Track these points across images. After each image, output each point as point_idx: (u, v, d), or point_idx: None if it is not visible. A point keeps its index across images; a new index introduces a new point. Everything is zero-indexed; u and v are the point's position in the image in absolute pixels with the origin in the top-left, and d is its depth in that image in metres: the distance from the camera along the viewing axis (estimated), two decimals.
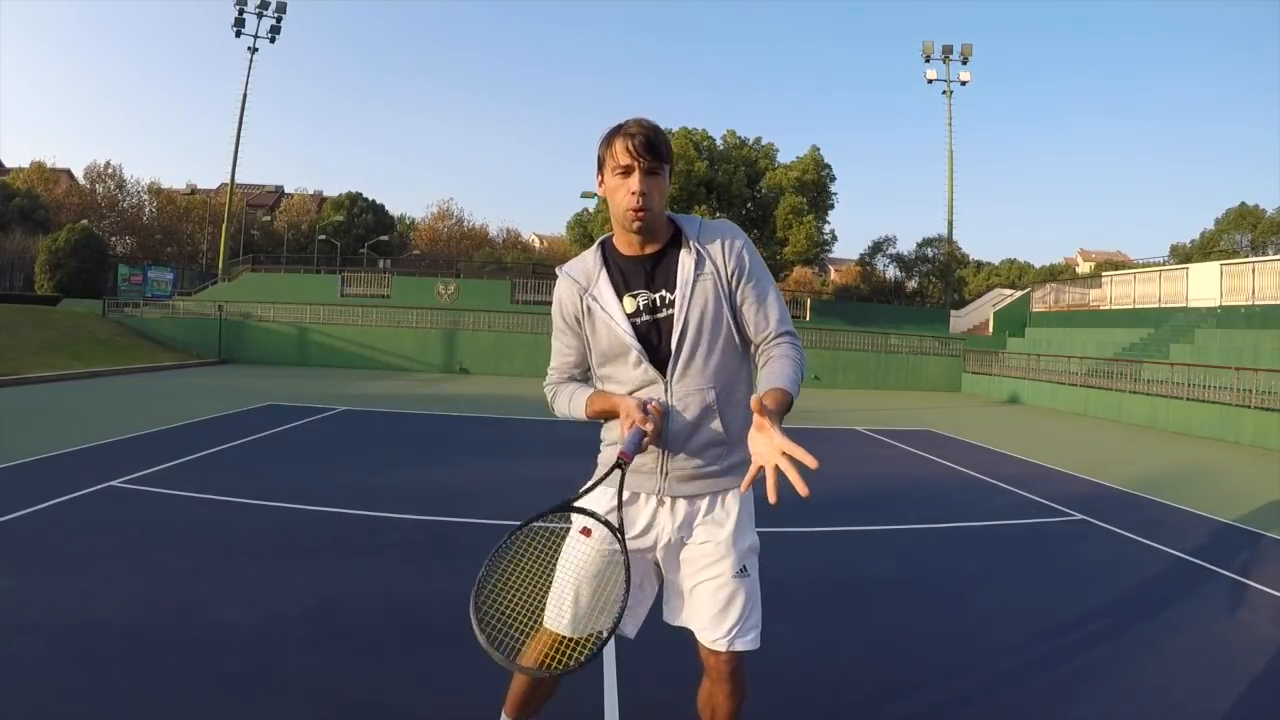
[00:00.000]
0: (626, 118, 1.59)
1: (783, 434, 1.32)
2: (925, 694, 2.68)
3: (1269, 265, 16.91)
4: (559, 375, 1.77)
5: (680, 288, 1.60)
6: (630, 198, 1.54)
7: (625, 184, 1.55)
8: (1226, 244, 37.16)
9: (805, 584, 3.93)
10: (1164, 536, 5.08)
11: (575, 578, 1.61)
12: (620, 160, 1.54)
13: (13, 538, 4.00)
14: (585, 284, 1.66)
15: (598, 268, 1.66)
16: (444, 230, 49.52)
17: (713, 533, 1.64)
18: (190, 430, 7.99)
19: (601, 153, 1.60)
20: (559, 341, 1.76)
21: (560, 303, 1.73)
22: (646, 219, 1.57)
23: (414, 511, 5.02)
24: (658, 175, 1.56)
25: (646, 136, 1.53)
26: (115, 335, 19.73)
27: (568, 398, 1.72)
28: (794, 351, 1.58)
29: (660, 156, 1.55)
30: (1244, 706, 2.64)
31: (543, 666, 1.60)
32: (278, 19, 32.62)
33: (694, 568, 1.65)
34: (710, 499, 1.65)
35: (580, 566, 1.61)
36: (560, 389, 1.76)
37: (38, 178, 41.91)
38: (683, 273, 1.61)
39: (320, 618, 3.11)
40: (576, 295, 1.68)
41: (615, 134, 1.56)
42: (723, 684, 1.66)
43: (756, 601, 1.67)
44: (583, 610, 1.62)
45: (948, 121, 31.41)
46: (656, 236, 1.64)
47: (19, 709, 2.27)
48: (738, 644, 1.63)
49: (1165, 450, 10.40)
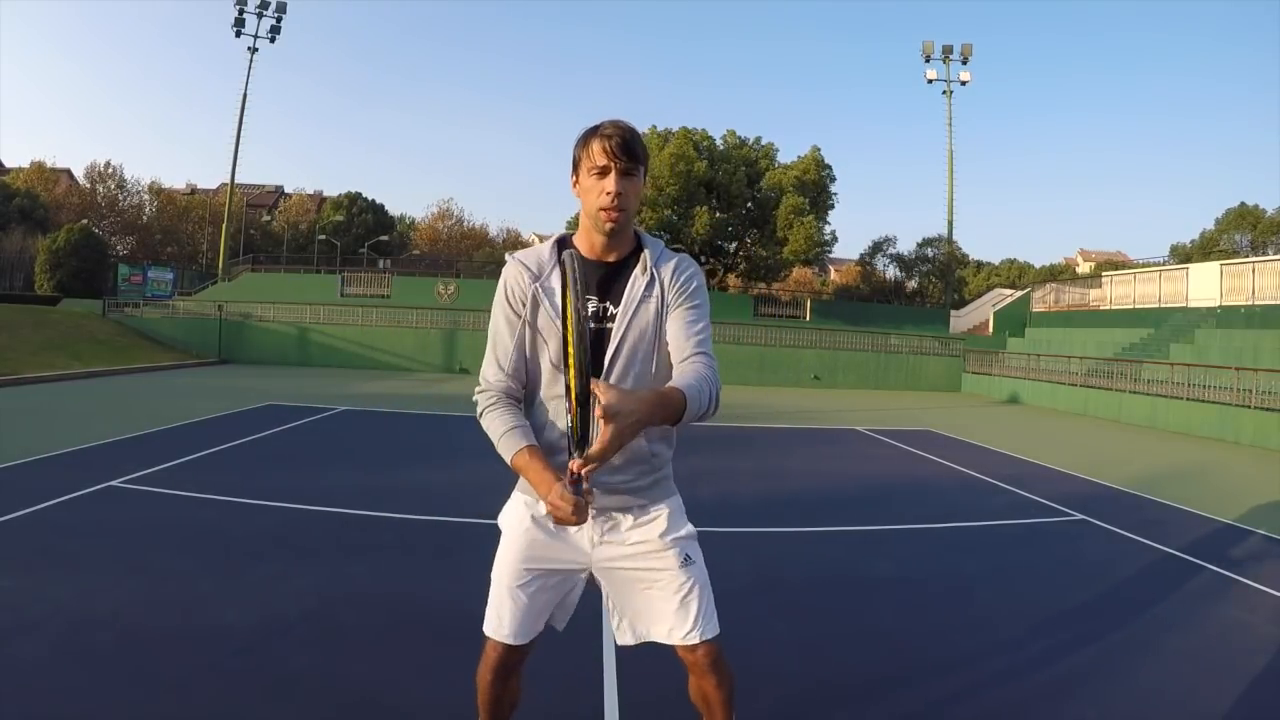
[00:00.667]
0: (602, 119, 1.59)
1: (608, 397, 1.24)
2: (924, 693, 2.69)
3: (1269, 265, 16.91)
4: (500, 386, 1.62)
5: (625, 304, 1.60)
6: (605, 198, 1.54)
7: (600, 184, 1.55)
8: (1226, 244, 37.16)
9: (804, 583, 3.94)
10: (1164, 536, 5.08)
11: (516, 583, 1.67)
12: (597, 161, 1.54)
13: (13, 538, 4.01)
14: (537, 273, 1.63)
15: (552, 261, 1.63)
16: (444, 230, 49.54)
17: (646, 533, 1.66)
18: (190, 430, 8.00)
19: (577, 153, 1.60)
20: (502, 335, 1.64)
21: (507, 287, 1.64)
22: (620, 219, 1.57)
23: (414, 511, 5.02)
24: (633, 176, 1.57)
25: (623, 138, 1.54)
26: (115, 335, 19.74)
27: (501, 430, 1.56)
28: (704, 369, 1.51)
29: (636, 158, 1.55)
30: (1244, 706, 2.64)
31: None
32: (278, 19, 32.64)
33: (637, 572, 1.66)
34: (637, 510, 1.67)
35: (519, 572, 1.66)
36: (497, 413, 1.58)
37: (38, 178, 41.91)
38: (631, 290, 1.61)
39: (320, 618, 3.12)
40: (527, 282, 1.62)
41: (592, 135, 1.56)
42: (709, 676, 1.67)
43: (709, 587, 1.68)
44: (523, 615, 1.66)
45: (948, 121, 31.47)
46: (620, 245, 1.64)
47: (19, 709, 2.27)
48: (708, 632, 1.64)
49: (1165, 450, 10.40)
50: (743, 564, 4.19)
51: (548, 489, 1.43)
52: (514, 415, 1.59)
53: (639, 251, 1.66)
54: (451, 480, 6.17)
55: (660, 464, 1.68)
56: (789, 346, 21.80)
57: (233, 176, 32.69)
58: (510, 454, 1.54)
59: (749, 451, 8.49)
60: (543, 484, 1.47)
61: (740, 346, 21.13)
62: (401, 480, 6.06)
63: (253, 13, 32.26)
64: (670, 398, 1.36)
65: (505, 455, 1.55)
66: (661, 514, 1.67)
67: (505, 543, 1.71)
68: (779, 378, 20.85)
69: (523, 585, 1.65)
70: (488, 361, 1.65)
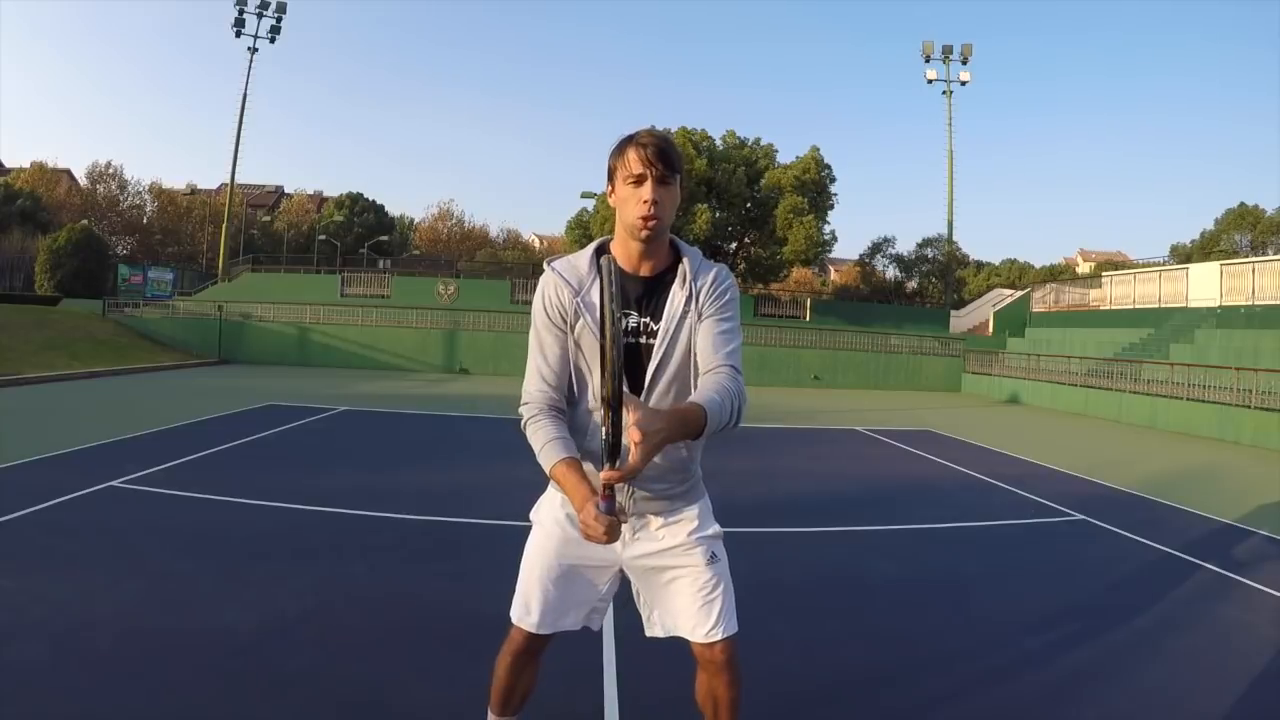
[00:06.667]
0: (638, 128, 1.60)
1: (637, 415, 1.27)
2: (924, 693, 2.68)
3: (1269, 265, 16.89)
4: (543, 398, 1.62)
5: (666, 321, 1.60)
6: (642, 206, 1.53)
7: (637, 193, 1.54)
8: (1226, 244, 37.13)
9: (805, 584, 3.94)
10: (1164, 536, 5.08)
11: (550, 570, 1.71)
12: (633, 169, 1.54)
13: (13, 538, 4.01)
14: (577, 287, 1.62)
15: (591, 274, 1.62)
16: (444, 230, 49.56)
17: (675, 531, 1.69)
18: (190, 430, 7.99)
19: (613, 162, 1.60)
20: (543, 348, 1.63)
21: (547, 300, 1.62)
22: (657, 228, 1.56)
23: (414, 511, 5.02)
24: (669, 185, 1.56)
25: (659, 146, 1.54)
26: (115, 335, 19.74)
27: (542, 441, 1.57)
28: (727, 381, 1.50)
29: (672, 166, 1.55)
30: (1244, 706, 2.64)
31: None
32: (277, 19, 32.65)
33: (665, 569, 1.69)
34: (668, 511, 1.70)
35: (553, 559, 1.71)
36: (540, 424, 1.59)
37: (38, 178, 41.92)
38: (672, 306, 1.61)
39: (320, 618, 3.12)
40: (569, 296, 1.62)
41: (628, 143, 1.57)
42: (723, 674, 1.68)
43: (731, 585, 1.73)
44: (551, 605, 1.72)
45: (948, 122, 31.47)
46: (657, 255, 1.64)
47: (19, 709, 2.27)
48: (729, 629, 1.67)
49: (1165, 450, 10.40)
50: (742, 564, 4.15)
51: (582, 503, 1.45)
52: (556, 427, 1.59)
53: (676, 263, 1.66)
54: (451, 480, 6.17)
55: (695, 469, 1.72)
56: (789, 346, 21.81)
57: (233, 176, 32.71)
58: (550, 465, 1.55)
59: (749, 451, 8.49)
60: (578, 496, 1.48)
61: (741, 346, 21.08)
62: (401, 480, 6.06)
63: (253, 13, 32.28)
64: (692, 415, 1.37)
65: (545, 465, 1.56)
66: (691, 513, 1.70)
67: (539, 536, 1.75)
68: (779, 378, 20.85)
69: (554, 579, 1.70)
70: (530, 374, 1.64)
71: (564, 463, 1.52)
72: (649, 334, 1.61)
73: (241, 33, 32.21)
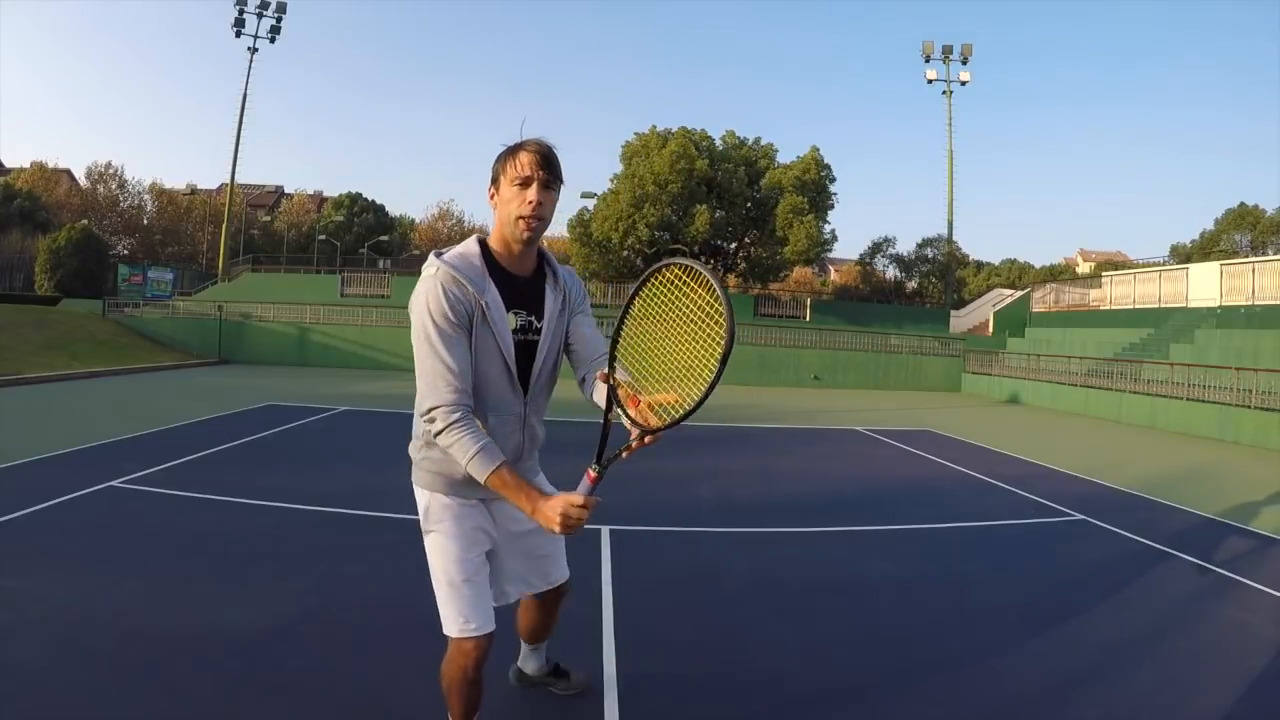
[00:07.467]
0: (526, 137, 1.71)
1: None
2: (924, 693, 2.69)
3: (1269, 265, 16.90)
4: (455, 400, 1.59)
5: (547, 318, 1.77)
6: (527, 206, 1.63)
7: (523, 194, 1.64)
8: (1226, 244, 37.14)
9: (805, 584, 3.94)
10: (1164, 536, 5.08)
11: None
12: (523, 170, 1.63)
13: (13, 538, 4.01)
14: (480, 285, 1.66)
15: (484, 275, 1.69)
16: (444, 230, 49.56)
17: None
18: (190, 430, 7.99)
19: (498, 166, 1.70)
20: (448, 349, 1.59)
21: (449, 299, 1.60)
22: (537, 229, 1.67)
23: (414, 512, 5.00)
24: (551, 191, 1.67)
25: (547, 154, 1.65)
26: (115, 335, 19.74)
27: (471, 449, 1.56)
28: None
29: (557, 174, 1.67)
30: (1243, 706, 2.64)
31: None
32: (277, 19, 32.68)
33: (520, 534, 1.93)
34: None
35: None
36: (461, 431, 1.58)
37: (38, 178, 41.92)
38: (550, 304, 1.78)
39: (320, 618, 3.12)
40: (471, 296, 1.63)
41: (517, 148, 1.67)
42: (557, 607, 2.16)
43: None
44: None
45: (948, 122, 31.51)
46: (532, 255, 1.77)
47: (19, 709, 2.27)
48: (567, 571, 2.09)
49: (1165, 450, 10.40)
50: (742, 564, 4.19)
51: (532, 504, 1.54)
52: (479, 432, 1.63)
53: (542, 267, 1.82)
54: None
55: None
56: (789, 346, 21.80)
57: (233, 176, 32.73)
58: (486, 473, 1.58)
59: (749, 451, 8.49)
60: (525, 497, 1.55)
61: (740, 346, 21.03)
62: (401, 480, 6.02)
63: (253, 13, 32.32)
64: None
65: (480, 474, 1.58)
66: (540, 477, 1.98)
67: (442, 543, 1.83)
68: (779, 378, 20.86)
69: (474, 575, 1.80)
70: (434, 377, 1.60)
71: (503, 468, 1.59)
72: (534, 331, 1.76)
73: (241, 32, 32.25)
